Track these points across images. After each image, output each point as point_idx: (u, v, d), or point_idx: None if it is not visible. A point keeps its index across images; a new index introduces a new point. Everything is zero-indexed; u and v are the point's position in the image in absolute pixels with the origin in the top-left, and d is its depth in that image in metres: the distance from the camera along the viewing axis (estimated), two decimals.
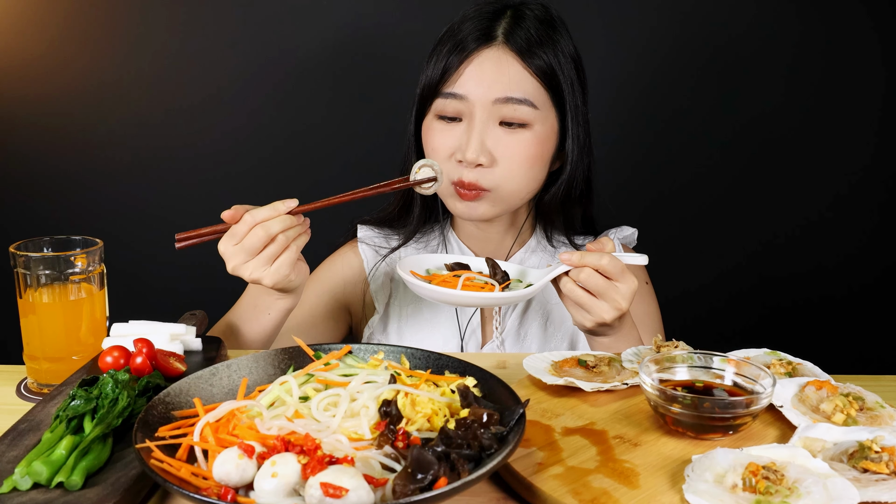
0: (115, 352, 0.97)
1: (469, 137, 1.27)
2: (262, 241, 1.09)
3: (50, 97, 2.00)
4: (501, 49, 1.27)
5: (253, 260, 1.10)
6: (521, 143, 1.28)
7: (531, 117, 1.28)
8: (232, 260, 1.11)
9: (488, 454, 0.74)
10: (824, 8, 1.97)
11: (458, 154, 1.28)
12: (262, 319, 1.23)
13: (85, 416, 0.83)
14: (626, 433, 0.88)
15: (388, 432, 0.76)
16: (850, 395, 0.90)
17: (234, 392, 0.89)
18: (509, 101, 1.26)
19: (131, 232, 2.05)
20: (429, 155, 1.34)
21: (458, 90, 1.27)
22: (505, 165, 1.28)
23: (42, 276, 1.06)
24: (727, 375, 0.93)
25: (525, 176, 1.30)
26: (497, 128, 1.28)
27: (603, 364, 1.04)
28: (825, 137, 2.04)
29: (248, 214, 1.09)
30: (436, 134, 1.31)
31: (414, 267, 1.21)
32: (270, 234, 1.09)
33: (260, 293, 1.22)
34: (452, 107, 1.29)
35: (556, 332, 1.41)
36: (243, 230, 1.09)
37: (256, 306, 1.23)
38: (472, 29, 1.29)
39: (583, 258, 1.10)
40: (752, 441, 0.87)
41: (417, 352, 0.95)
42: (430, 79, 1.30)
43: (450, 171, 1.30)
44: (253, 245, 1.09)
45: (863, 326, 2.14)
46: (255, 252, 1.09)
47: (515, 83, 1.26)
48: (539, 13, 1.31)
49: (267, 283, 1.11)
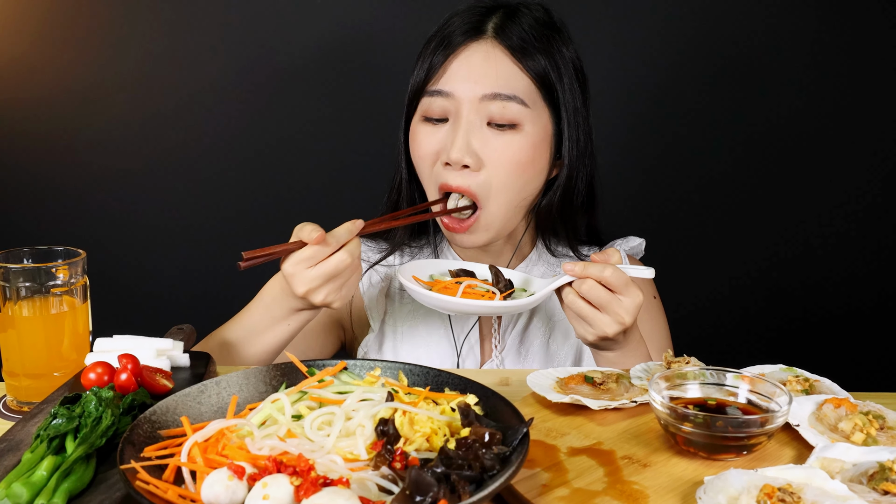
0: (99, 368, 0.97)
1: (454, 137, 1.25)
2: (348, 267, 1.11)
3: (29, 100, 2.01)
4: (490, 43, 1.26)
5: (331, 283, 1.12)
6: (511, 146, 1.25)
7: (521, 116, 1.25)
8: (308, 284, 1.11)
9: (490, 475, 0.74)
10: (840, 13, 1.98)
11: (444, 155, 1.26)
12: (278, 330, 1.21)
13: (67, 436, 0.83)
14: (634, 453, 0.88)
15: (385, 452, 0.76)
16: (870, 413, 0.90)
17: (223, 410, 0.89)
18: (497, 98, 1.24)
19: (115, 242, 2.05)
20: (416, 163, 1.32)
21: (444, 87, 1.26)
22: (493, 169, 1.26)
23: (22, 288, 1.06)
24: (741, 393, 0.93)
25: (515, 182, 1.28)
26: (485, 128, 1.26)
27: (611, 381, 1.04)
28: (841, 145, 2.05)
29: (332, 237, 1.11)
30: (421, 137, 1.30)
31: (417, 272, 1.22)
32: (354, 258, 1.11)
33: (279, 304, 1.20)
34: (438, 105, 1.27)
35: (560, 350, 1.41)
36: (326, 254, 1.11)
37: (274, 317, 1.21)
38: (459, 24, 1.28)
39: (585, 269, 1.10)
40: (767, 462, 0.87)
41: (416, 368, 0.96)
42: (417, 78, 1.30)
43: (438, 175, 1.28)
44: (338, 270, 1.11)
45: (883, 341, 2.14)
46: (337, 277, 1.11)
47: (504, 79, 1.24)
48: (539, 14, 1.31)
49: (336, 306, 1.14)
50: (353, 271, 1.13)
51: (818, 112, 2.03)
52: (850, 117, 2.04)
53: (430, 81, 1.28)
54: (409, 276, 1.19)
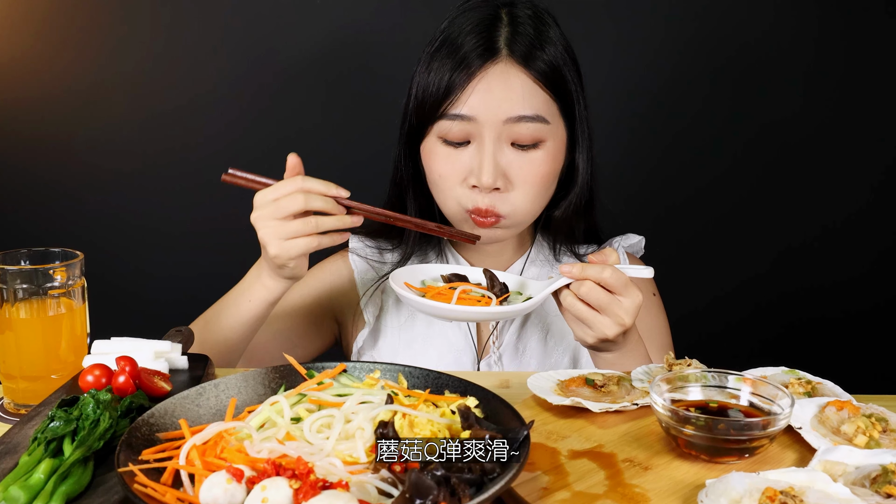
0: (97, 370, 0.97)
1: (482, 161, 1.26)
2: (297, 208, 1.12)
3: (27, 101, 2.01)
4: (507, 62, 1.25)
5: (276, 222, 1.13)
6: (535, 163, 1.28)
7: (543, 133, 1.27)
8: (259, 210, 1.15)
9: (490, 478, 0.74)
10: (841, 12, 1.98)
11: (472, 179, 1.27)
12: (242, 307, 1.25)
13: (64, 439, 0.83)
14: (636, 456, 0.88)
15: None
16: (873, 415, 0.90)
17: (221, 413, 0.89)
18: (521, 120, 1.25)
19: (113, 243, 2.05)
20: (435, 181, 1.32)
21: (466, 112, 1.25)
22: (520, 188, 1.28)
23: (19, 290, 1.06)
24: (743, 395, 0.93)
25: (539, 196, 1.31)
26: (509, 149, 1.27)
27: (612, 383, 1.04)
28: (843, 146, 2.05)
29: (301, 178, 1.14)
30: (441, 159, 1.30)
31: (408, 278, 1.21)
32: (307, 207, 1.12)
33: (251, 279, 1.26)
34: (459, 128, 1.26)
35: (557, 347, 1.42)
36: (287, 189, 1.13)
37: (242, 292, 1.26)
38: (474, 43, 1.26)
39: (584, 271, 1.10)
40: (770, 465, 0.87)
41: (416, 370, 0.96)
42: (431, 97, 1.28)
43: (461, 197, 1.29)
44: (286, 208, 1.13)
45: (886, 343, 2.14)
46: (284, 216, 1.13)
47: (525, 99, 1.25)
48: (530, 11, 1.31)
49: (270, 251, 1.15)
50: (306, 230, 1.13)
51: (820, 112, 2.03)
52: (851, 118, 2.04)
53: (451, 105, 1.26)
54: (401, 282, 1.18)
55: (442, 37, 1.30)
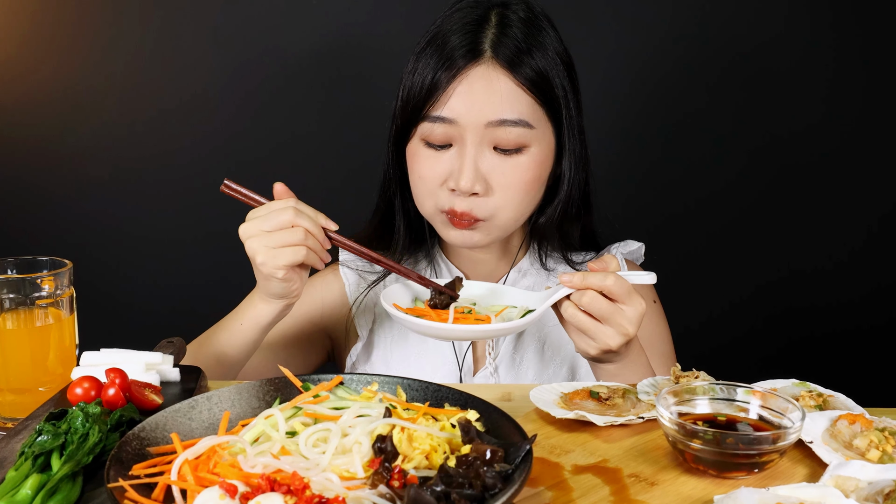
0: (86, 383, 0.97)
1: (462, 165, 1.26)
2: (286, 220, 1.15)
3: (14, 104, 2.02)
4: (490, 64, 1.25)
5: (264, 232, 1.16)
6: (518, 169, 1.27)
7: (527, 138, 1.26)
8: (249, 222, 1.18)
9: (492, 494, 0.74)
10: (847, 16, 1.99)
11: (451, 182, 1.27)
12: (235, 331, 1.27)
13: (52, 453, 0.83)
14: (642, 471, 0.88)
15: (382, 470, 0.76)
16: (887, 429, 0.91)
17: (214, 427, 0.89)
18: (503, 124, 1.24)
19: (103, 252, 2.06)
20: (415, 183, 1.33)
21: (447, 114, 1.26)
22: (501, 194, 1.28)
23: (6, 300, 1.06)
24: (752, 408, 0.93)
25: (522, 202, 1.30)
26: (491, 153, 1.27)
27: (617, 396, 1.04)
28: (853, 154, 2.05)
29: (292, 199, 1.18)
30: (423, 161, 1.30)
31: (398, 296, 1.21)
32: (295, 222, 1.15)
33: (244, 304, 1.27)
34: (440, 131, 1.27)
35: (555, 358, 1.42)
36: (278, 205, 1.16)
37: (235, 316, 1.28)
38: (458, 43, 1.26)
39: (585, 280, 1.10)
40: (780, 480, 0.87)
41: (414, 382, 0.96)
42: (415, 97, 1.28)
43: (440, 198, 1.30)
44: (275, 220, 1.15)
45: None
46: (272, 228, 1.15)
47: (508, 103, 1.25)
48: (523, 14, 1.30)
49: (257, 260, 1.16)
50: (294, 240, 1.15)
51: (826, 117, 2.03)
52: (861, 125, 2.04)
53: (433, 106, 1.27)
54: (391, 303, 1.18)
55: (430, 36, 1.31)
